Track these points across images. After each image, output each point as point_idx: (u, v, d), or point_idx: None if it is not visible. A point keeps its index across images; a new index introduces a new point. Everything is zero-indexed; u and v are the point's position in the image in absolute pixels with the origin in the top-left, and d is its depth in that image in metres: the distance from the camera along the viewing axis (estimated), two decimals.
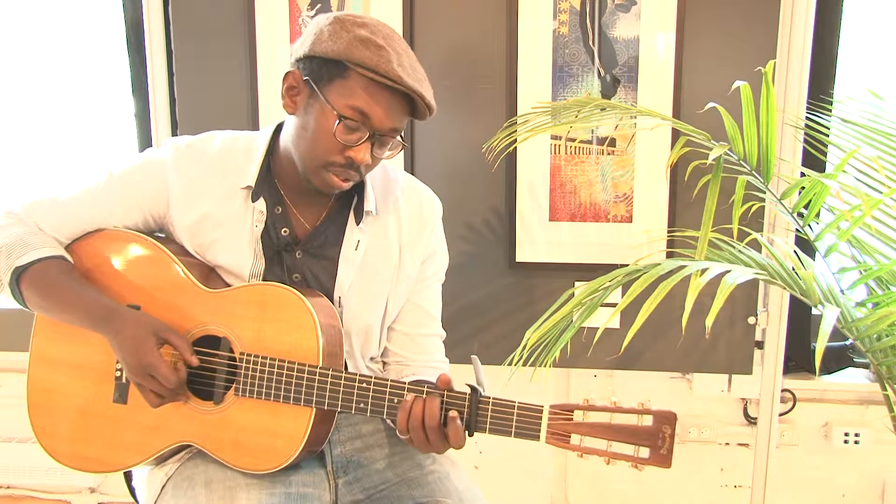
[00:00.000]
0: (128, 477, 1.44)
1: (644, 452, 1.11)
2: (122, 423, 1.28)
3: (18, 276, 1.26)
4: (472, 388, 1.16)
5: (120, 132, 2.30)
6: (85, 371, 1.30)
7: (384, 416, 1.21)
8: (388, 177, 1.40)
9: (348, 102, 1.18)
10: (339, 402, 1.21)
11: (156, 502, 1.28)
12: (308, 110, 1.22)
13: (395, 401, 1.19)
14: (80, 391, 1.30)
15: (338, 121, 1.18)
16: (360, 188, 1.34)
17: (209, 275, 1.32)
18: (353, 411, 1.21)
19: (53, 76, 2.39)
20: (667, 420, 1.10)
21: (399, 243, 1.37)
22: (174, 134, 2.08)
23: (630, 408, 1.12)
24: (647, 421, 1.11)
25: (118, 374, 1.29)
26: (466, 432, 1.16)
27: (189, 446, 1.28)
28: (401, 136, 1.26)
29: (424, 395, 1.17)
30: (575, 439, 1.12)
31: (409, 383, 1.20)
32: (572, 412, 1.13)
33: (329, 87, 1.19)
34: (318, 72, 1.19)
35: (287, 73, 1.24)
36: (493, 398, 1.15)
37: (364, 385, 1.20)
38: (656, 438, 1.10)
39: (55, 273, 1.27)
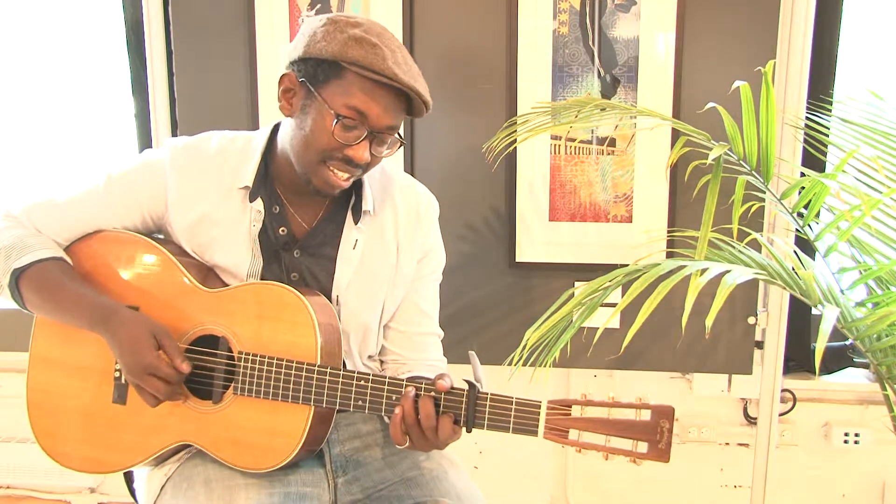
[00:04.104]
0: (128, 478, 1.44)
1: (642, 447, 1.11)
2: (122, 423, 1.28)
3: (17, 278, 1.27)
4: (470, 384, 1.16)
5: (120, 132, 2.30)
6: (84, 372, 1.30)
7: (382, 413, 1.21)
8: (386, 176, 1.40)
9: (345, 102, 1.18)
10: (338, 400, 1.21)
11: (155, 502, 1.29)
12: (305, 111, 1.22)
13: (394, 397, 1.19)
14: (80, 392, 1.30)
15: (336, 120, 1.18)
16: (358, 188, 1.34)
17: (207, 275, 1.32)
18: (351, 408, 1.21)
19: (53, 76, 2.39)
20: (665, 414, 1.10)
21: (396, 242, 1.37)
22: (174, 134, 2.09)
23: (628, 402, 1.12)
24: (645, 415, 1.11)
25: (117, 374, 1.29)
26: (464, 428, 1.16)
27: (188, 446, 1.28)
28: (398, 134, 1.26)
29: (422, 393, 1.17)
30: (573, 434, 1.12)
31: (406, 379, 1.21)
32: (570, 407, 1.13)
33: (325, 87, 1.19)
34: (314, 73, 1.20)
35: (282, 76, 1.25)
36: (492, 394, 1.16)
37: (362, 382, 1.20)
38: (654, 433, 1.10)
39: (54, 274, 1.27)
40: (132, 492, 1.43)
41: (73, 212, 1.33)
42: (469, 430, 1.17)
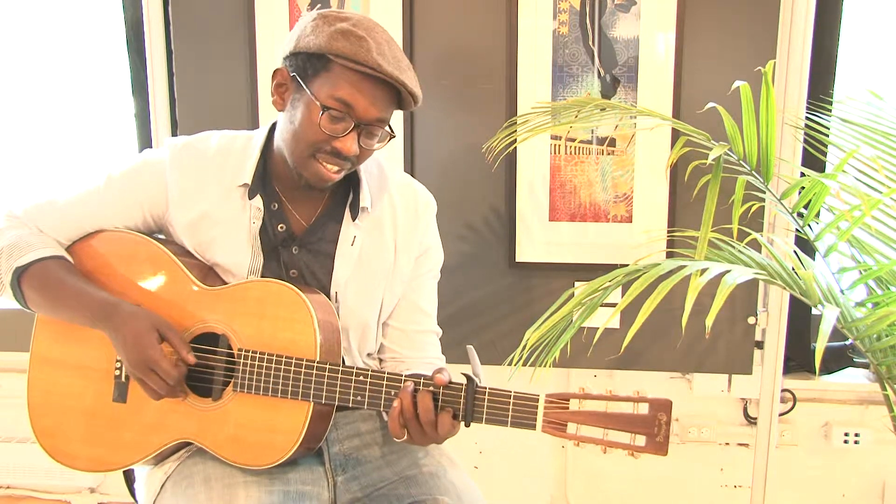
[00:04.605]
0: (129, 478, 1.44)
1: (640, 440, 1.11)
2: (122, 422, 1.28)
3: (19, 277, 1.27)
4: (469, 378, 1.16)
5: (120, 132, 2.30)
6: (85, 371, 1.30)
7: (381, 409, 1.21)
8: (384, 174, 1.40)
9: (331, 93, 1.19)
10: (337, 396, 1.21)
11: (155, 501, 1.29)
12: (295, 105, 1.24)
13: (393, 393, 1.19)
14: (80, 391, 1.31)
15: (322, 111, 1.19)
16: (355, 184, 1.34)
17: (208, 273, 1.32)
18: (350, 404, 1.21)
19: (54, 76, 2.40)
20: (662, 407, 1.10)
21: (394, 240, 1.37)
22: (174, 134, 2.09)
23: (626, 396, 1.12)
24: (643, 409, 1.11)
25: (117, 373, 1.29)
26: (463, 422, 1.16)
27: (188, 444, 1.29)
28: (389, 127, 1.26)
29: (420, 387, 1.17)
30: (571, 428, 1.12)
31: (405, 376, 1.21)
32: (568, 401, 1.13)
33: (314, 80, 1.21)
34: (303, 67, 1.21)
35: (275, 71, 1.27)
36: (490, 388, 1.16)
37: (361, 378, 1.21)
38: (652, 426, 1.10)
39: (56, 272, 1.28)
40: (132, 492, 1.43)
41: (74, 212, 1.33)
42: (468, 425, 1.17)
